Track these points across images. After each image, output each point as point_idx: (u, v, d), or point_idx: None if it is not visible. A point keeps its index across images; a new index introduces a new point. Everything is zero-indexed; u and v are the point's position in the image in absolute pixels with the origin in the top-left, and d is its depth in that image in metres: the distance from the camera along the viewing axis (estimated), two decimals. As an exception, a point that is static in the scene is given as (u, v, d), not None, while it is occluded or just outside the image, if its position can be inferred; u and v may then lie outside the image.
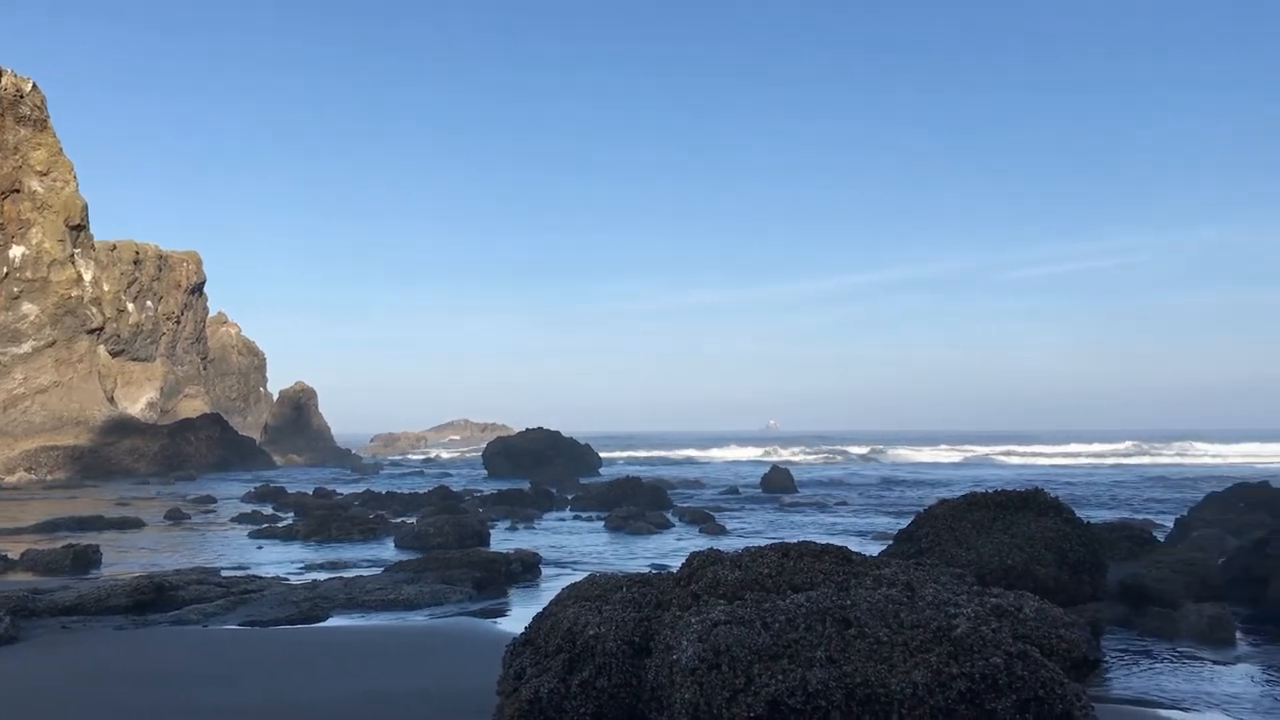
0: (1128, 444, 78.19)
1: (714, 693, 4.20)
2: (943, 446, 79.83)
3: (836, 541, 6.46)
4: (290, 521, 21.52)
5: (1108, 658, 8.74)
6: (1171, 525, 16.79)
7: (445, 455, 79.02)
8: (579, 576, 7.02)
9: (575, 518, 23.53)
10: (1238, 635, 9.44)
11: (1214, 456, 62.83)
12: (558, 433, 44.38)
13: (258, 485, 34.30)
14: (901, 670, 4.15)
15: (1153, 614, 9.72)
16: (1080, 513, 10.34)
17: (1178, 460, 59.60)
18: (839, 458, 68.15)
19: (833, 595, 4.67)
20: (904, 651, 4.23)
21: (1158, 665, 8.48)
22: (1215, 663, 8.50)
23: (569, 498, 28.09)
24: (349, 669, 7.86)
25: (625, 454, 67.34)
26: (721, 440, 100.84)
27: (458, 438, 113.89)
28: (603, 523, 21.51)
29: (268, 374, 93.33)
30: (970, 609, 4.43)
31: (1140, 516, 21.68)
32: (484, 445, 51.09)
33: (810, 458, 66.53)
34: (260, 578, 12.89)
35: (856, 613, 4.47)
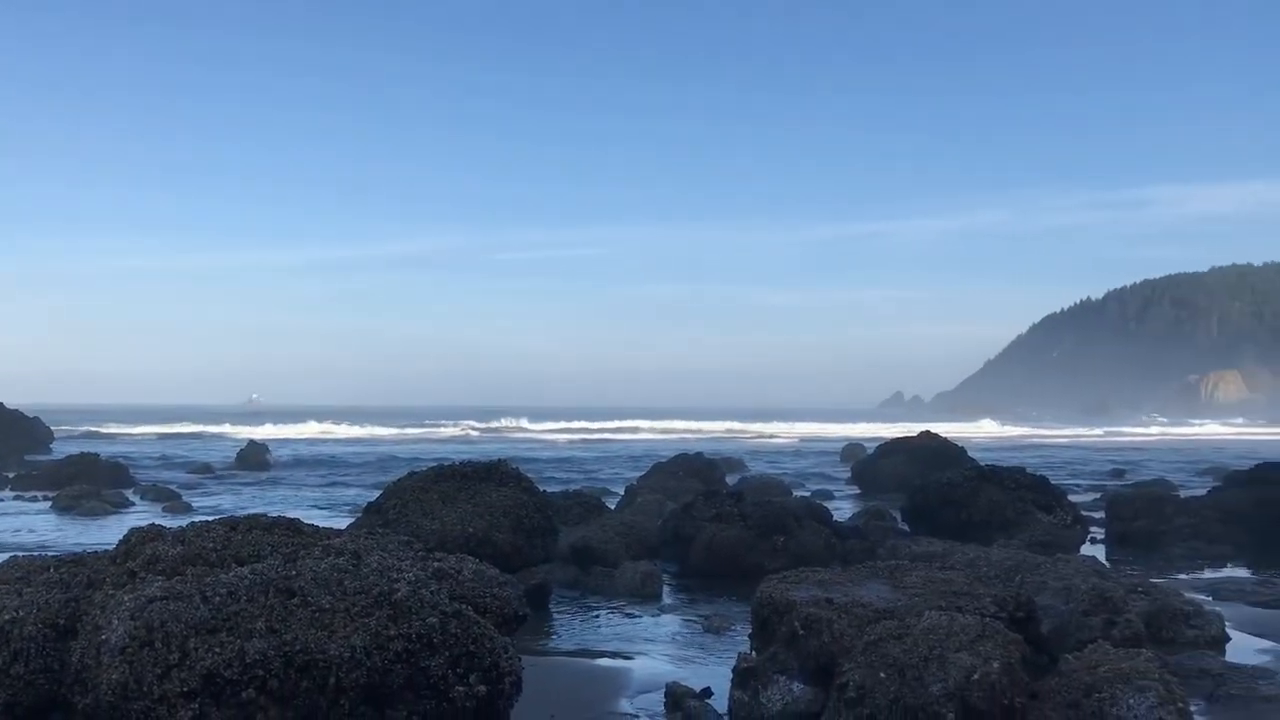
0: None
1: (144, 670, 4.06)
2: (447, 423, 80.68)
3: (311, 516, 6.48)
4: None
5: (557, 614, 9.50)
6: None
7: None
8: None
9: (17, 498, 21.13)
10: (665, 589, 10.66)
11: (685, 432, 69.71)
12: (0, 403, 39.39)
13: None
14: (341, 635, 4.28)
15: (597, 573, 10.68)
16: (546, 483, 11.19)
17: (658, 436, 65.08)
18: (332, 433, 66.86)
19: (279, 566, 4.69)
20: (345, 617, 4.36)
21: (599, 619, 9.35)
22: (645, 614, 9.54)
23: (10, 476, 25.12)
24: None
25: (85, 429, 61.20)
26: (199, 414, 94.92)
27: None
28: (50, 503, 19.51)
29: None
30: (412, 573, 4.65)
31: (601, 484, 23.59)
32: (-95, 418, 44.03)
33: (296, 433, 64.67)
34: None
35: (301, 582, 4.52)
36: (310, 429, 67.72)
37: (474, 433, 68.67)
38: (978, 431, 75.33)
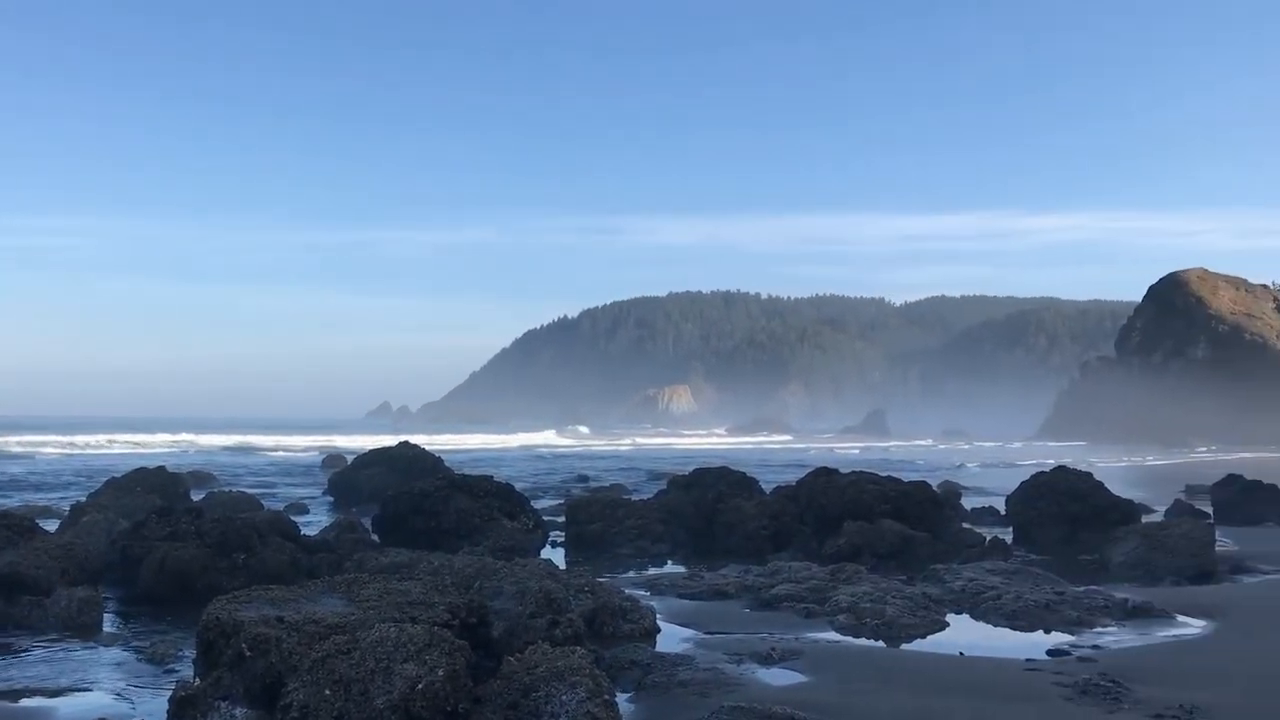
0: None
1: None
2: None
3: None
4: None
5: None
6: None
7: None
8: None
9: None
10: (109, 617, 9.76)
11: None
12: None
13: None
14: None
15: (25, 603, 9.53)
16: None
17: (131, 450, 59.11)
18: None
19: None
20: None
21: (24, 655, 8.37)
22: (82, 646, 8.66)
23: None
24: None
25: None
26: None
27: None
28: None
29: None
30: None
31: (45, 503, 21.14)
32: None
33: None
34: None
35: None
36: None
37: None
38: (542, 440, 77.76)
